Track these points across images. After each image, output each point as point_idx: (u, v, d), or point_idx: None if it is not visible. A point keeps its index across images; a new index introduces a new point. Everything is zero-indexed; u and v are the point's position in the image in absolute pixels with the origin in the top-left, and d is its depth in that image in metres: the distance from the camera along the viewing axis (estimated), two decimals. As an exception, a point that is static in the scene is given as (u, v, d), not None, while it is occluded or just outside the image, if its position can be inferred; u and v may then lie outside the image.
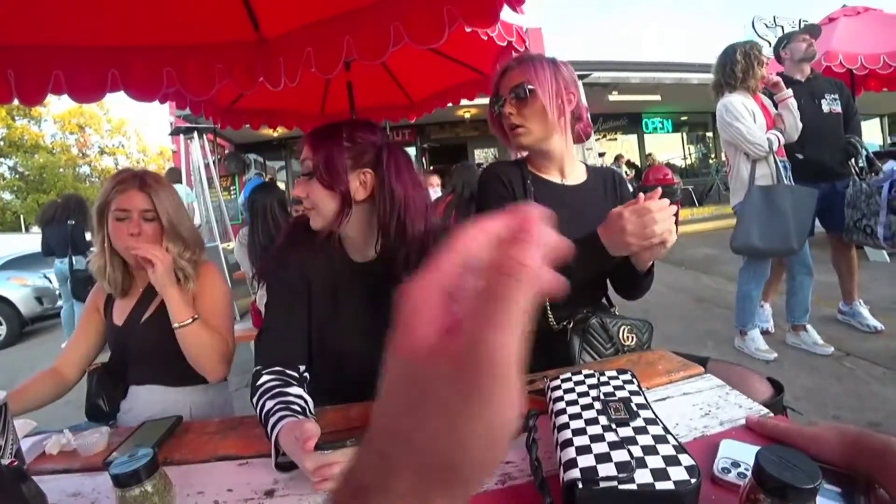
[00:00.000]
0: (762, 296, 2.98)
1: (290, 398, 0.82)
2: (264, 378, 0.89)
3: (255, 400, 0.86)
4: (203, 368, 1.15)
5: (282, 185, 10.38)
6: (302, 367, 0.96)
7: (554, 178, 1.25)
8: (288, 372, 0.92)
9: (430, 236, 0.95)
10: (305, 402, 0.85)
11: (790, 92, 2.56)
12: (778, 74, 2.90)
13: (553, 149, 1.22)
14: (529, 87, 1.15)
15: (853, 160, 2.68)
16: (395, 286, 0.85)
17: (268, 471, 0.74)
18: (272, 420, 0.76)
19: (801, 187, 2.52)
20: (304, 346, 1.00)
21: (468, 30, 1.63)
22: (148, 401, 1.20)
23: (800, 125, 2.56)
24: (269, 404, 0.80)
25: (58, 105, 23.93)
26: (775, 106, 2.63)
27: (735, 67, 2.55)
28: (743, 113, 2.49)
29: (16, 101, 1.44)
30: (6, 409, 0.72)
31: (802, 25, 3.28)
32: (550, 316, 1.18)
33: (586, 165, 1.33)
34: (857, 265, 2.93)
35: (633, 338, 1.17)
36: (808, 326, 2.71)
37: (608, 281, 1.29)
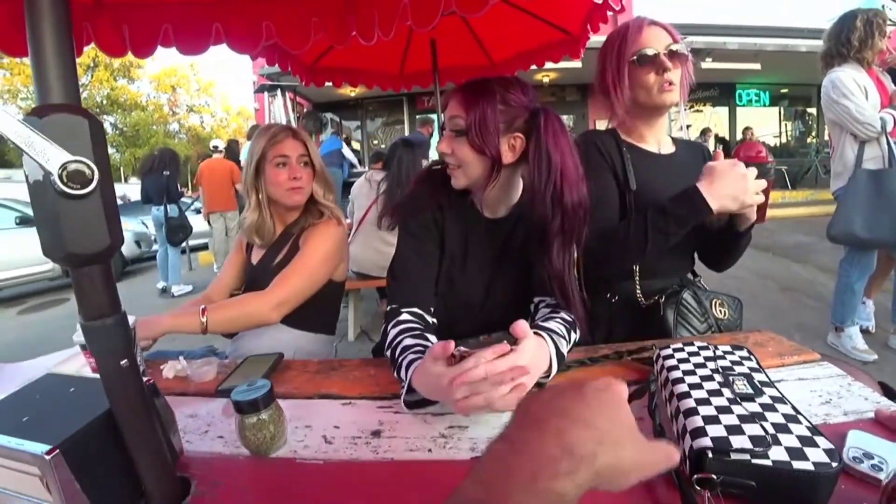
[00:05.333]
0: (864, 291, 2.70)
1: (430, 344, 0.83)
2: (406, 316, 0.91)
3: (392, 331, 0.87)
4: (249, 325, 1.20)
5: (356, 145, 10.59)
6: (433, 311, 0.98)
7: (650, 146, 1.21)
8: (426, 317, 0.94)
9: (583, 207, 0.90)
10: None
11: None
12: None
13: (665, 117, 1.22)
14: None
15: None
16: (522, 245, 0.84)
17: (373, 412, 0.77)
18: (409, 357, 0.78)
19: None
20: (433, 292, 1.02)
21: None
22: (261, 333, 1.27)
23: None
24: (409, 342, 0.82)
25: (152, 66, 25.70)
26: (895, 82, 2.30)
27: (852, 35, 2.24)
28: (853, 89, 2.20)
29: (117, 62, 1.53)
30: (135, 332, 0.79)
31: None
32: (639, 290, 1.14)
33: (672, 137, 1.29)
34: None
35: (725, 311, 1.14)
36: (920, 330, 2.43)
37: (696, 254, 1.25)
